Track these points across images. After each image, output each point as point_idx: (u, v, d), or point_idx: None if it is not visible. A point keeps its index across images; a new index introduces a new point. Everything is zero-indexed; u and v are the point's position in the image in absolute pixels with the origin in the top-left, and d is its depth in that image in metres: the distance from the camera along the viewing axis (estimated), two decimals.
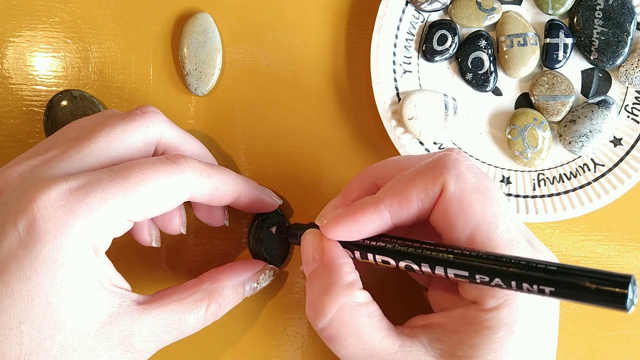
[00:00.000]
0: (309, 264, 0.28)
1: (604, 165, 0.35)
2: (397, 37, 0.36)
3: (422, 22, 0.36)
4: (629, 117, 0.35)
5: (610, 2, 0.34)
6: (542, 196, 0.35)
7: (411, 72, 0.36)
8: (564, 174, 0.35)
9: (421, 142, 0.35)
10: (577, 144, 0.34)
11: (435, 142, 0.36)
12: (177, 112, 0.37)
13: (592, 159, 0.35)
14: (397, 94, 0.35)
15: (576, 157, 0.35)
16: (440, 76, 0.36)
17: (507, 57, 0.35)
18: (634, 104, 0.35)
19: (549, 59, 0.35)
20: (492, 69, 0.35)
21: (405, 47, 0.36)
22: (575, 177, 0.35)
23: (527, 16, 0.36)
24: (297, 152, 0.37)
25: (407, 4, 0.35)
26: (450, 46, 0.35)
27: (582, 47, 0.35)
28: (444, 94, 0.35)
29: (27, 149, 0.30)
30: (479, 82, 0.36)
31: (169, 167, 0.27)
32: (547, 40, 0.35)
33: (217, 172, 0.30)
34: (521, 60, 0.35)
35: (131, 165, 0.27)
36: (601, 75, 0.36)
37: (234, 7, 0.37)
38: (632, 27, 0.34)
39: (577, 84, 0.36)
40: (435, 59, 0.35)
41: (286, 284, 0.36)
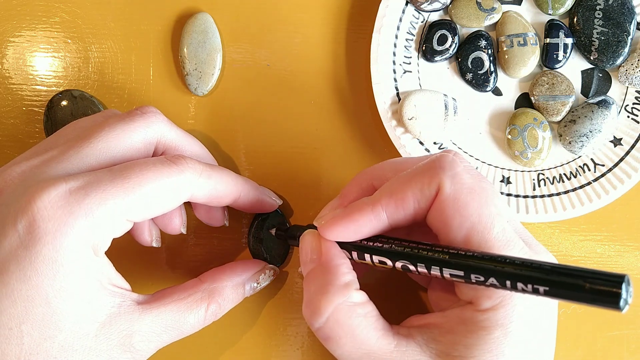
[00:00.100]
0: (307, 264, 0.29)
1: (604, 165, 0.35)
2: (397, 37, 0.36)
3: (422, 22, 0.36)
4: (629, 117, 0.35)
5: (610, 2, 0.34)
6: (542, 196, 0.35)
7: (411, 72, 0.36)
8: (564, 174, 0.35)
9: (421, 142, 0.35)
10: (577, 144, 0.34)
11: (435, 142, 0.36)
12: (177, 112, 0.37)
13: (592, 159, 0.35)
14: (397, 94, 0.35)
15: (576, 157, 0.35)
16: (440, 76, 0.36)
17: (507, 57, 0.35)
18: (634, 104, 0.35)
19: (549, 59, 0.35)
20: (492, 69, 0.35)
21: (405, 47, 0.36)
22: (575, 177, 0.35)
23: (527, 16, 0.36)
24: (297, 152, 0.37)
25: (407, 4, 0.35)
26: (450, 46, 0.35)
27: (582, 47, 0.35)
28: (444, 94, 0.35)
29: (27, 149, 0.30)
30: (479, 82, 0.36)
31: (169, 167, 0.27)
32: (547, 40, 0.35)
33: (217, 172, 0.30)
34: (521, 60, 0.35)
35: (131, 165, 0.27)
36: (601, 75, 0.36)
37: (234, 7, 0.37)
38: (632, 27, 0.34)
39: (577, 84, 0.36)
40: (435, 59, 0.35)
41: (286, 284, 0.36)
